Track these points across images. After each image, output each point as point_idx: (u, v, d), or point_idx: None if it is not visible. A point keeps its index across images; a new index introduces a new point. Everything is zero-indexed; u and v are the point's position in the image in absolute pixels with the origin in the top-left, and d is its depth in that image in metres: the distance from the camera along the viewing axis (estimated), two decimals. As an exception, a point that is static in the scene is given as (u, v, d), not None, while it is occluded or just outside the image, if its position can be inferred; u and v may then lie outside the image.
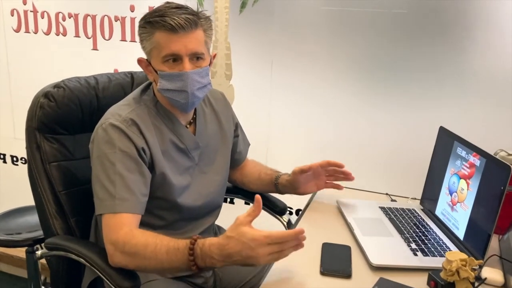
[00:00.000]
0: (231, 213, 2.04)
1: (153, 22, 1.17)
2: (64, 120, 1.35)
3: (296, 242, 1.00)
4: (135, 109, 1.24)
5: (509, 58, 1.56)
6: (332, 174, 1.44)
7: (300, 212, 1.43)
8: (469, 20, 1.58)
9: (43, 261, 1.43)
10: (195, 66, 1.20)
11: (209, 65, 1.26)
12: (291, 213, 1.94)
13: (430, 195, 1.44)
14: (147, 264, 1.08)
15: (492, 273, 1.08)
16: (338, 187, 1.46)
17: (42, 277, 2.00)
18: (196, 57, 1.20)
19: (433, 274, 1.04)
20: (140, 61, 1.26)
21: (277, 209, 1.56)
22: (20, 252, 2.15)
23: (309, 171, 1.40)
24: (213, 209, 1.43)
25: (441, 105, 1.67)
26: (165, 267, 1.08)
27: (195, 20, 1.17)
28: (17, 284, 2.48)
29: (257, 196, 1.03)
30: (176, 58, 1.18)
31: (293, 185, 1.43)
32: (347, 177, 1.42)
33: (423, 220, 1.36)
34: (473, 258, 1.01)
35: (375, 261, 1.11)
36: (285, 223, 1.57)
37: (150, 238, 1.08)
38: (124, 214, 1.13)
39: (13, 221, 1.95)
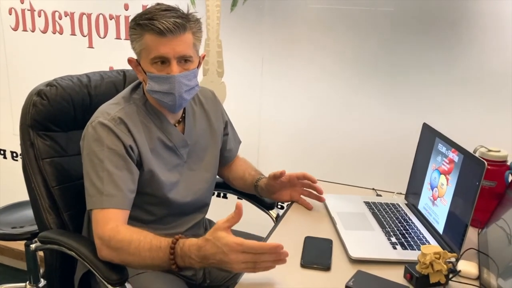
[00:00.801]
0: (224, 208, 2.08)
1: (142, 25, 1.19)
2: (56, 118, 1.39)
3: (274, 256, 1.01)
4: (124, 108, 1.27)
5: (493, 55, 1.58)
6: (307, 187, 1.44)
7: (286, 206, 1.46)
8: (454, 18, 1.60)
9: (42, 254, 1.48)
10: (183, 68, 1.23)
11: (198, 66, 1.29)
12: (282, 208, 1.98)
13: (413, 190, 1.47)
14: (131, 260, 1.11)
15: (467, 266, 1.11)
16: (308, 206, 1.44)
17: (42, 270, 2.05)
18: (184, 59, 1.22)
19: (409, 267, 1.08)
20: (130, 61, 1.29)
21: (266, 204, 1.60)
22: (21, 245, 2.20)
23: (282, 177, 1.40)
24: (202, 205, 1.46)
25: (427, 101, 1.70)
26: (148, 263, 1.10)
27: (184, 24, 1.19)
28: (18, 276, 2.53)
29: (238, 203, 1.03)
30: (164, 61, 1.21)
31: (269, 189, 1.45)
32: (319, 197, 1.43)
33: (406, 214, 1.40)
34: (447, 252, 1.04)
35: (354, 254, 1.15)
36: (274, 218, 1.60)
37: (135, 234, 1.11)
38: (111, 209, 1.16)
39: (15, 214, 2.00)
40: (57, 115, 1.39)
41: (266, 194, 1.48)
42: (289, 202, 1.48)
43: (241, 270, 1.02)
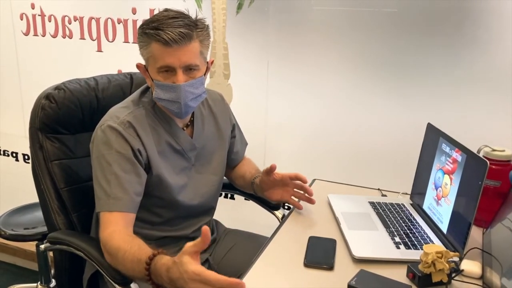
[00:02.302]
0: (231, 208, 2.11)
1: (148, 34, 1.20)
2: (64, 121, 1.41)
3: None
4: (133, 112, 1.29)
5: (498, 54, 1.58)
6: (298, 188, 1.42)
7: (292, 207, 1.47)
8: (458, 18, 1.60)
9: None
10: (189, 77, 1.23)
11: (206, 72, 1.29)
12: (289, 208, 1.99)
13: (418, 190, 1.47)
14: (120, 268, 1.12)
15: (470, 265, 1.11)
16: (299, 207, 1.43)
17: (53, 271, 2.08)
18: (190, 68, 1.23)
19: (411, 266, 1.08)
20: (138, 67, 1.31)
21: (271, 205, 1.61)
22: (33, 246, 2.23)
23: (273, 171, 1.38)
24: (209, 208, 1.48)
25: (433, 101, 1.70)
26: (131, 274, 1.10)
27: (190, 33, 1.19)
28: (30, 277, 2.57)
29: (204, 228, 0.92)
30: (170, 70, 1.21)
31: (262, 186, 1.44)
32: (309, 199, 1.41)
33: (411, 214, 1.40)
34: (449, 251, 1.05)
35: (357, 253, 1.16)
36: (279, 218, 1.61)
37: (123, 244, 1.10)
38: (115, 212, 1.18)
39: (27, 215, 2.03)
40: (65, 118, 1.41)
41: (259, 191, 1.47)
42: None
43: None
